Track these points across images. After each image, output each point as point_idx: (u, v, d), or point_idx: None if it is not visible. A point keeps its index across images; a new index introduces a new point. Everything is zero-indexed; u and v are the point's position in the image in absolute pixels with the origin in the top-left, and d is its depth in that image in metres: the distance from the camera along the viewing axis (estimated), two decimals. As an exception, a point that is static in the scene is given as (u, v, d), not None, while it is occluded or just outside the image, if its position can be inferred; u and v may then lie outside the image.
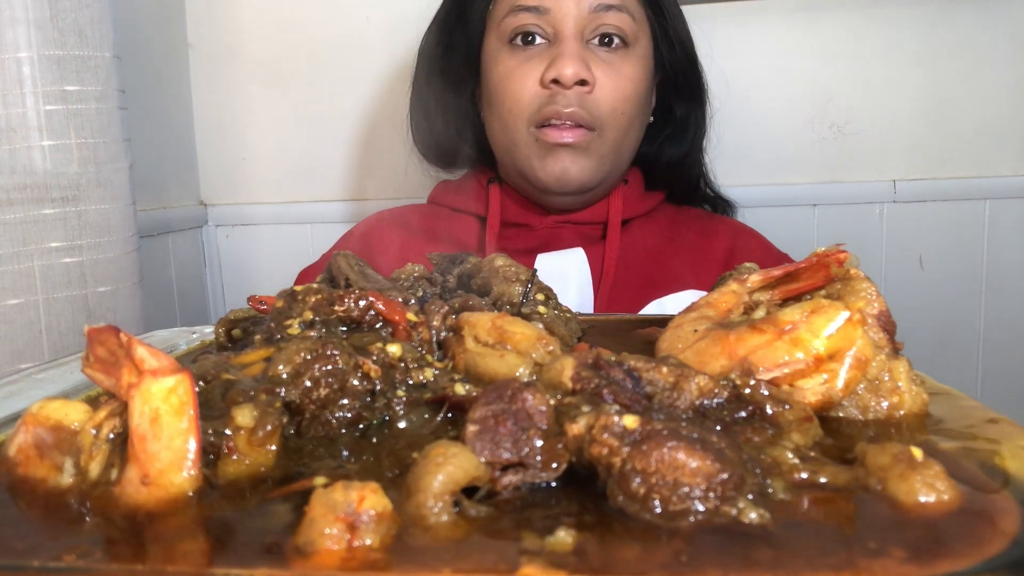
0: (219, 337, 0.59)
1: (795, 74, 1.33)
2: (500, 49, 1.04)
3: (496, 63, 1.05)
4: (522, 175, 1.06)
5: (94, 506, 0.36)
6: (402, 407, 0.44)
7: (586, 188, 1.05)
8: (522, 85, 1.02)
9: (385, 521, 0.31)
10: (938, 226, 1.33)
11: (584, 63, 0.99)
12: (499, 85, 1.04)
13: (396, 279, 0.66)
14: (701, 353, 0.46)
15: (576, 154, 1.01)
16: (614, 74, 1.02)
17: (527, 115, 1.02)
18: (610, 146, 1.03)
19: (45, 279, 0.99)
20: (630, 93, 1.03)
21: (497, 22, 1.05)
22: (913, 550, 0.29)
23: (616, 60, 1.02)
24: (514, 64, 1.03)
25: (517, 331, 0.49)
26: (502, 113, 1.04)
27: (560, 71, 0.98)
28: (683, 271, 1.07)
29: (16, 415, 0.45)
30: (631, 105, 1.03)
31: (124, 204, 1.04)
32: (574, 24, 1.00)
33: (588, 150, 1.02)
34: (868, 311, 0.47)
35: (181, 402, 0.36)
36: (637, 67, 1.04)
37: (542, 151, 1.02)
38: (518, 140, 1.04)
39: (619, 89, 1.02)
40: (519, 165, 1.06)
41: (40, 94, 0.96)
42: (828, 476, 0.35)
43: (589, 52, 1.02)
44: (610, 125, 1.02)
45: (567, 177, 1.02)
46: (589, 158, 1.02)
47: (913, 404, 0.43)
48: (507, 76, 1.03)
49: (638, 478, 0.32)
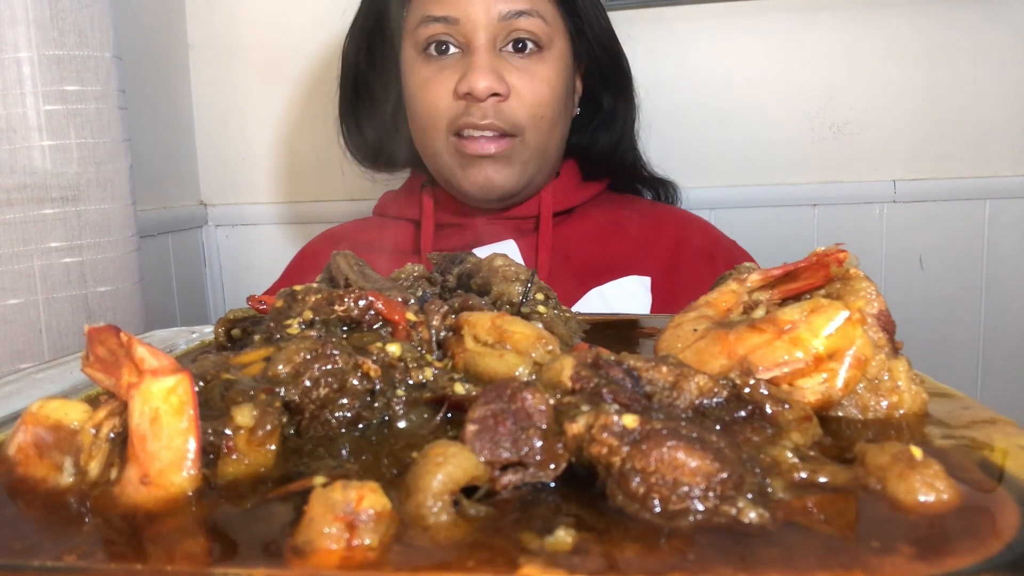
0: (219, 337, 0.59)
1: (795, 74, 1.33)
2: (415, 59, 1.04)
3: (412, 73, 1.05)
4: (447, 183, 1.07)
5: (94, 506, 0.36)
6: (402, 407, 0.44)
7: (512, 194, 1.05)
8: (437, 96, 1.01)
9: (384, 520, 0.31)
10: (938, 226, 1.33)
11: (496, 74, 0.99)
12: (415, 97, 1.04)
13: (396, 279, 0.66)
14: (700, 352, 0.46)
15: (498, 163, 1.01)
16: (529, 79, 1.01)
17: (444, 125, 1.02)
18: (533, 150, 1.03)
19: (45, 279, 0.99)
20: (547, 97, 1.02)
21: (411, 31, 1.05)
22: (913, 549, 0.29)
23: (531, 65, 1.02)
24: (428, 74, 1.02)
25: (517, 331, 0.49)
26: (421, 123, 1.05)
27: (472, 85, 0.98)
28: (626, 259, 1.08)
29: (16, 415, 0.45)
30: (549, 108, 1.02)
31: (124, 204, 1.04)
32: (485, 33, 0.99)
33: (511, 158, 1.02)
34: (868, 311, 0.47)
35: (181, 402, 0.36)
36: (553, 69, 1.03)
37: (464, 161, 1.02)
38: (439, 149, 1.04)
39: (535, 94, 1.01)
40: (443, 174, 1.06)
41: (40, 94, 0.96)
42: (827, 475, 0.35)
43: (502, 60, 1.01)
44: (530, 130, 1.02)
45: (491, 186, 1.03)
46: (512, 165, 1.02)
47: (913, 404, 0.43)
48: (422, 87, 1.03)
49: (637, 477, 0.32)
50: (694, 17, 1.33)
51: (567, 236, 1.09)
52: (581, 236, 1.10)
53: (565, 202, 1.10)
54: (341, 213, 1.46)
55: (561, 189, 1.11)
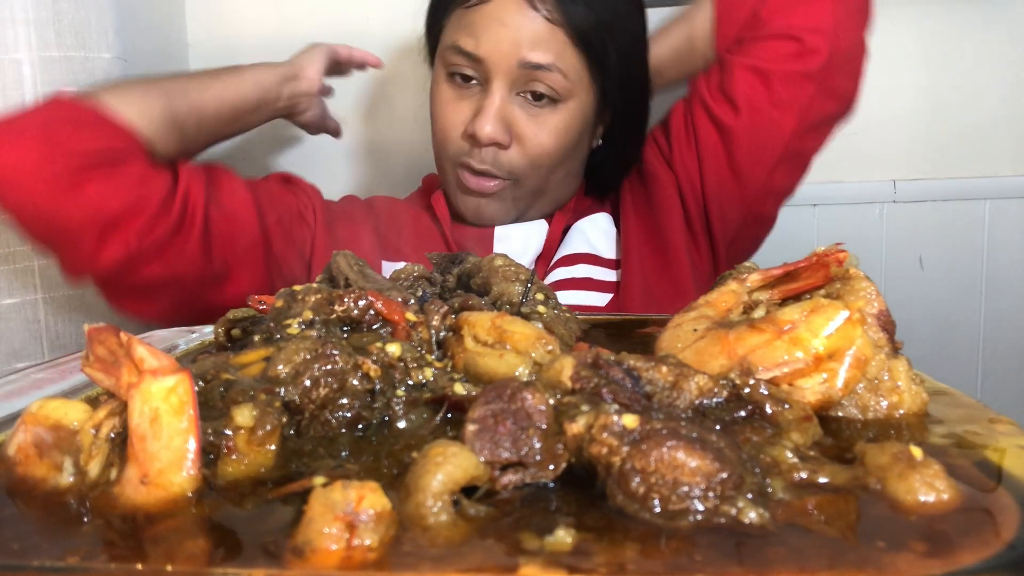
0: (218, 337, 0.59)
1: (795, 74, 1.33)
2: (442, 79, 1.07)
3: (437, 90, 1.08)
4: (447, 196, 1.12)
5: (93, 506, 0.36)
6: (402, 407, 0.44)
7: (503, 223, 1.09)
8: (451, 125, 1.04)
9: (384, 520, 0.31)
10: (938, 226, 1.33)
11: (503, 123, 1.01)
12: (435, 114, 1.08)
13: (396, 279, 0.66)
14: (700, 352, 0.46)
15: (491, 200, 1.06)
16: (536, 130, 1.02)
17: (450, 154, 1.06)
18: (529, 190, 1.06)
19: (44, 278, 0.99)
20: (550, 148, 1.03)
21: (442, 51, 1.06)
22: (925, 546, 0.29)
23: (543, 114, 1.02)
24: (448, 98, 1.05)
25: (516, 331, 0.49)
26: (436, 140, 1.08)
27: (477, 129, 1.00)
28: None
29: (16, 415, 0.45)
30: (550, 158, 1.03)
31: (124, 204, 1.04)
32: (504, 77, 1.00)
33: (502, 196, 1.05)
34: (868, 310, 0.47)
35: (181, 402, 0.36)
36: (564, 121, 1.03)
37: (461, 187, 1.06)
38: (444, 168, 1.09)
39: (539, 146, 1.02)
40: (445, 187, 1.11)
41: (40, 95, 0.96)
42: (827, 475, 0.35)
43: (514, 107, 1.02)
44: (528, 176, 1.04)
45: (481, 217, 1.08)
46: (503, 202, 1.06)
47: (913, 403, 0.43)
48: (441, 109, 1.06)
49: (637, 477, 0.32)
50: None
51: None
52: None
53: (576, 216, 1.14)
54: (341, 213, 1.46)
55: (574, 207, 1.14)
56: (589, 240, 1.09)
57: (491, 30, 0.99)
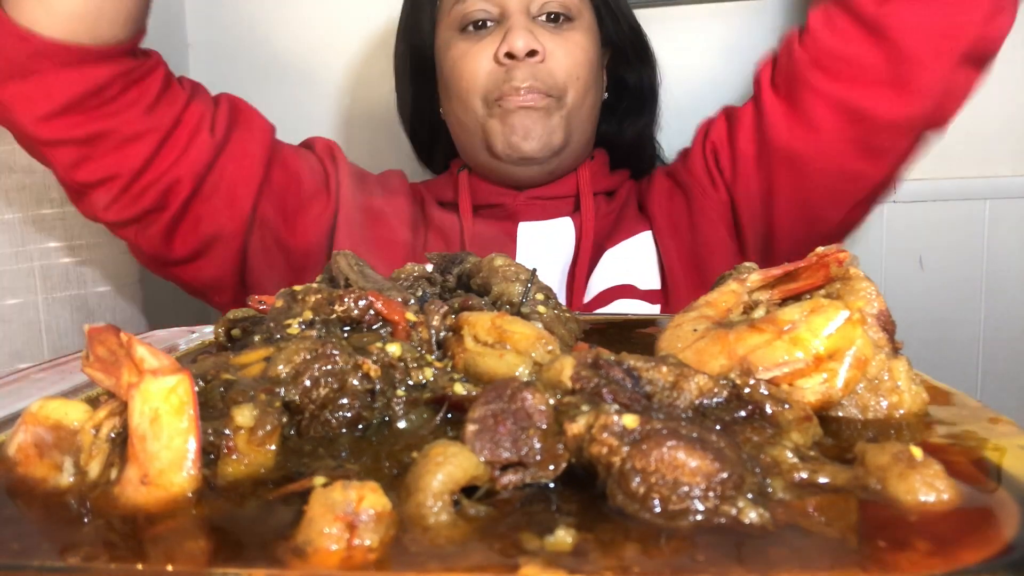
0: (219, 337, 0.59)
1: (795, 74, 1.33)
2: (452, 37, 1.07)
3: (449, 49, 1.08)
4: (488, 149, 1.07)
5: (93, 506, 0.36)
6: (402, 407, 0.44)
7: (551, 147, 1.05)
8: (477, 64, 1.04)
9: (384, 520, 0.31)
10: (938, 226, 1.33)
11: (533, 35, 1.02)
12: (453, 69, 1.06)
13: (396, 279, 0.66)
14: (700, 352, 0.46)
15: (538, 114, 1.03)
16: (564, 43, 1.04)
17: (483, 92, 1.04)
18: (570, 110, 1.05)
19: (44, 279, 0.99)
20: (582, 59, 1.05)
21: (446, 12, 1.08)
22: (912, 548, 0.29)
23: (563, 32, 1.06)
24: (467, 46, 1.05)
25: (517, 331, 0.49)
26: (459, 94, 1.06)
27: (511, 44, 1.01)
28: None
29: (16, 415, 0.45)
30: (585, 70, 1.05)
31: (124, 204, 1.04)
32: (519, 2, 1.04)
33: (549, 111, 1.04)
34: (868, 310, 0.47)
35: (181, 402, 0.36)
36: (585, 36, 1.07)
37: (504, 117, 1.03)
38: (479, 117, 1.06)
39: (571, 56, 1.04)
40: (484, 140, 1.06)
41: (40, 94, 0.96)
42: (827, 475, 0.35)
43: (537, 26, 1.04)
44: (568, 90, 1.05)
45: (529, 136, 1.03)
46: (550, 118, 1.04)
47: (913, 404, 0.43)
48: (461, 58, 1.05)
49: (638, 477, 0.32)
50: (694, 17, 1.34)
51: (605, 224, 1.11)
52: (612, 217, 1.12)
53: (599, 184, 1.12)
54: (341, 213, 1.46)
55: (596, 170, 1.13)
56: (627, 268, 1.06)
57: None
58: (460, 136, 1.12)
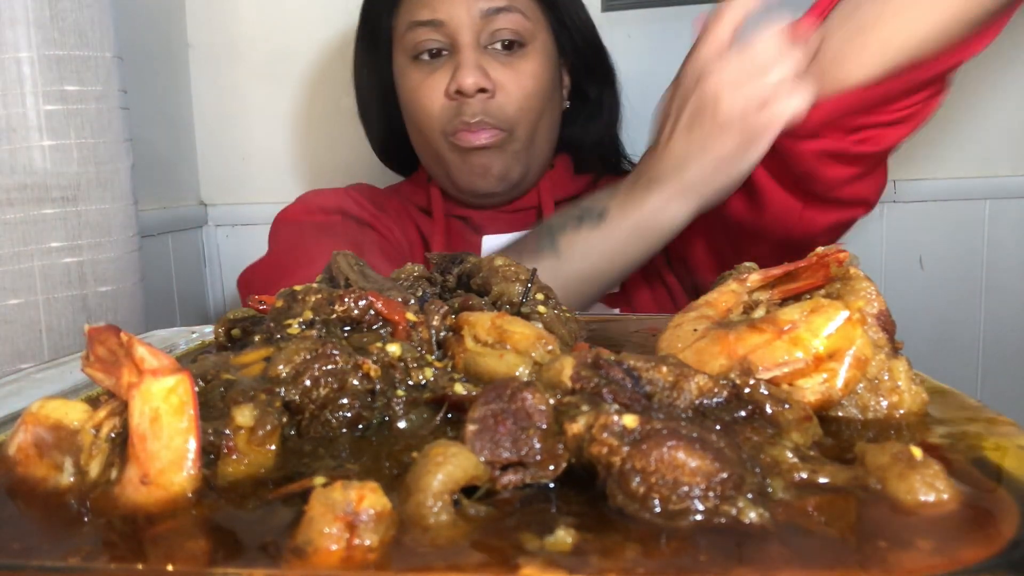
0: (219, 337, 0.59)
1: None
2: (407, 65, 1.09)
3: (404, 78, 1.10)
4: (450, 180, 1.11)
5: (93, 506, 0.36)
6: (402, 407, 0.44)
7: (510, 183, 1.09)
8: (430, 99, 1.06)
9: (384, 520, 0.31)
10: (938, 226, 1.33)
11: (482, 71, 1.03)
12: (409, 101, 1.09)
13: (396, 279, 0.66)
14: (700, 352, 0.46)
15: (492, 153, 1.06)
16: (514, 75, 1.05)
17: (439, 127, 1.07)
18: (523, 142, 1.08)
19: (45, 279, 0.99)
20: (532, 89, 1.06)
21: (400, 38, 1.09)
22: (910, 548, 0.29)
23: (515, 61, 1.06)
24: (420, 78, 1.07)
25: (517, 331, 0.49)
26: (418, 125, 1.10)
27: (460, 82, 1.02)
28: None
29: (16, 415, 0.45)
30: (536, 100, 1.07)
31: (125, 204, 1.04)
32: (469, 32, 1.04)
33: (503, 148, 1.06)
34: (868, 310, 0.47)
35: (181, 402, 0.36)
36: (537, 63, 1.07)
37: (461, 155, 1.07)
38: (437, 149, 1.09)
39: (521, 88, 1.05)
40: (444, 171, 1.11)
41: (40, 94, 0.96)
42: (827, 475, 0.35)
43: (488, 58, 1.05)
44: (520, 123, 1.06)
45: (488, 174, 1.07)
46: (505, 155, 1.07)
47: (913, 403, 0.43)
48: (415, 91, 1.08)
49: (638, 477, 0.32)
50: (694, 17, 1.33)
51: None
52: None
53: (561, 191, 1.14)
54: (341, 213, 1.46)
55: (557, 178, 1.16)
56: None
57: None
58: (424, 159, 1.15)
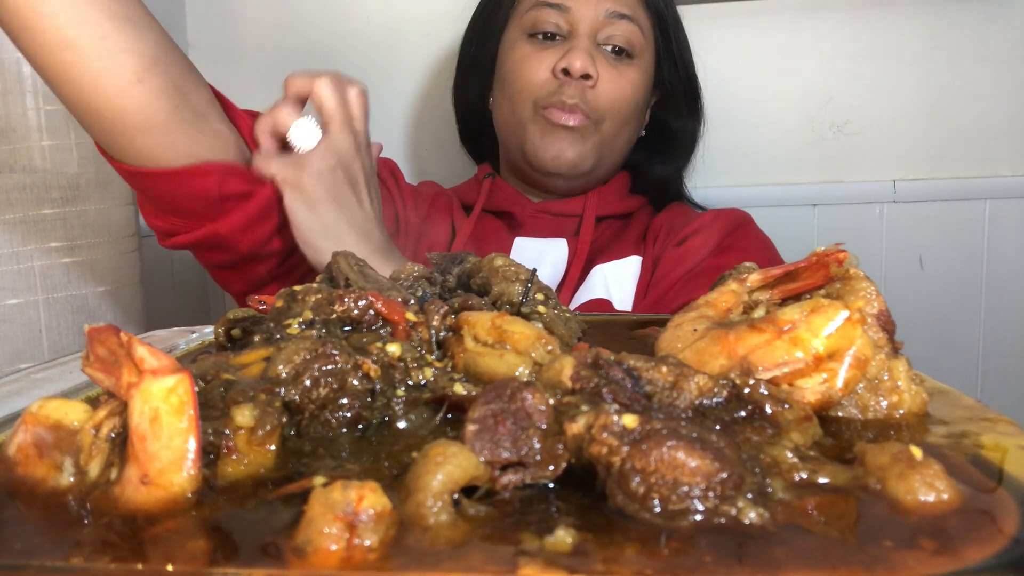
0: (219, 337, 0.59)
1: (795, 74, 1.33)
2: (519, 38, 1.14)
3: (514, 49, 1.15)
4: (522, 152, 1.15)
5: (93, 506, 0.36)
6: (401, 407, 0.44)
7: (579, 170, 1.13)
8: (535, 70, 1.11)
9: (384, 520, 0.31)
10: (938, 226, 1.33)
11: (592, 59, 1.09)
12: (513, 69, 1.14)
13: (396, 279, 0.66)
14: (700, 352, 0.46)
15: (573, 137, 1.10)
16: (617, 76, 1.11)
17: (535, 97, 1.11)
18: (604, 137, 1.13)
19: (45, 279, 0.99)
20: (629, 95, 1.12)
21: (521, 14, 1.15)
22: (911, 548, 0.29)
23: (621, 66, 1.12)
24: (530, 51, 1.13)
25: (517, 331, 0.49)
26: (512, 93, 1.14)
27: (570, 62, 1.08)
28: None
29: (16, 415, 0.45)
30: (628, 106, 1.13)
31: (124, 204, 1.04)
32: (589, 25, 1.10)
33: (584, 135, 1.11)
34: (868, 310, 0.47)
35: (181, 402, 0.36)
36: (639, 75, 1.13)
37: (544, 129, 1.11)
38: (524, 118, 1.13)
39: (620, 89, 1.11)
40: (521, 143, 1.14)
41: (40, 94, 0.96)
42: (827, 475, 0.35)
43: (599, 53, 1.11)
44: (607, 119, 1.12)
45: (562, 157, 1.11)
46: (584, 143, 1.11)
47: (912, 403, 0.43)
48: (523, 60, 1.13)
49: (637, 477, 0.32)
50: (694, 17, 1.33)
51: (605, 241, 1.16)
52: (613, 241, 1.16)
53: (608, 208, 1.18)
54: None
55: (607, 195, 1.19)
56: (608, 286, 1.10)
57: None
58: (502, 129, 1.19)
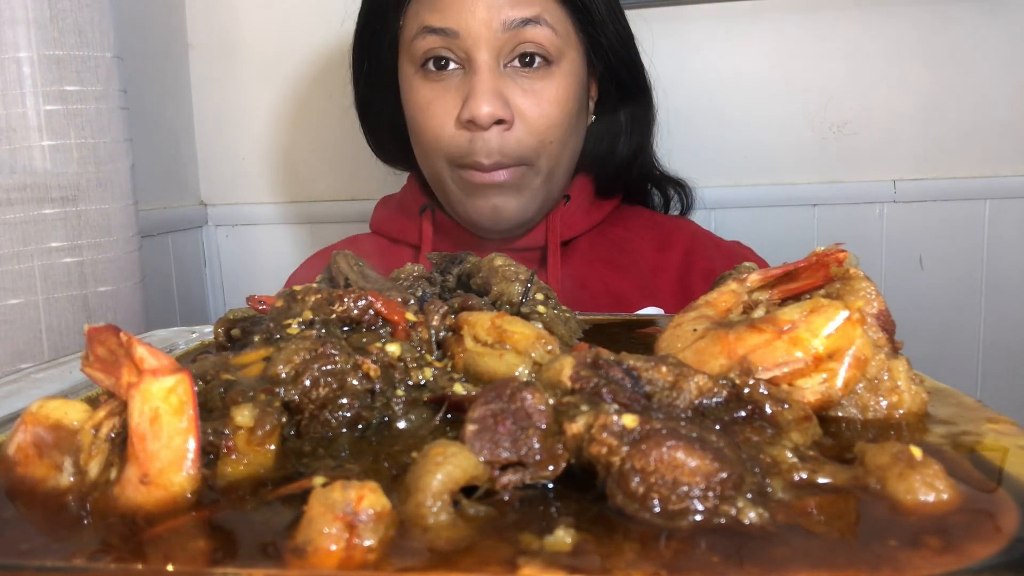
0: (218, 337, 0.59)
1: (795, 74, 1.33)
2: (414, 75, 0.96)
3: (411, 91, 0.96)
4: (451, 209, 1.01)
5: (93, 506, 0.36)
6: (401, 407, 0.44)
7: (524, 223, 0.99)
8: (440, 124, 0.93)
9: (384, 520, 0.31)
10: (938, 226, 1.33)
11: (500, 98, 0.90)
12: (416, 119, 0.96)
13: (396, 279, 0.66)
14: (700, 352, 0.46)
15: (507, 192, 0.94)
16: (536, 101, 0.92)
17: (447, 156, 0.94)
18: (544, 175, 0.96)
19: (45, 279, 0.99)
20: (556, 119, 0.93)
21: (408, 43, 0.96)
22: (912, 547, 0.29)
23: (538, 83, 0.92)
24: (430, 96, 0.94)
25: (516, 331, 0.49)
26: (423, 148, 0.97)
27: (474, 112, 0.88)
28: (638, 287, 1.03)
29: (16, 415, 0.45)
30: (559, 130, 0.94)
31: (125, 204, 1.04)
32: (487, 48, 0.90)
33: (519, 186, 0.94)
34: (867, 310, 0.47)
35: (181, 401, 0.36)
36: (562, 86, 0.93)
37: (469, 190, 0.95)
38: (442, 177, 0.97)
39: (543, 117, 0.92)
40: (447, 199, 1.00)
41: (40, 94, 0.96)
42: (827, 475, 0.35)
43: (506, 80, 0.92)
44: (540, 156, 0.94)
45: (500, 216, 0.96)
46: (521, 194, 0.95)
47: (912, 403, 0.43)
48: (423, 110, 0.95)
49: (637, 477, 0.32)
50: (694, 17, 1.34)
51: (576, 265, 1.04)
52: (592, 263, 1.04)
53: (573, 229, 1.04)
54: (341, 213, 1.46)
55: (570, 215, 1.04)
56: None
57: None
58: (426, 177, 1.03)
